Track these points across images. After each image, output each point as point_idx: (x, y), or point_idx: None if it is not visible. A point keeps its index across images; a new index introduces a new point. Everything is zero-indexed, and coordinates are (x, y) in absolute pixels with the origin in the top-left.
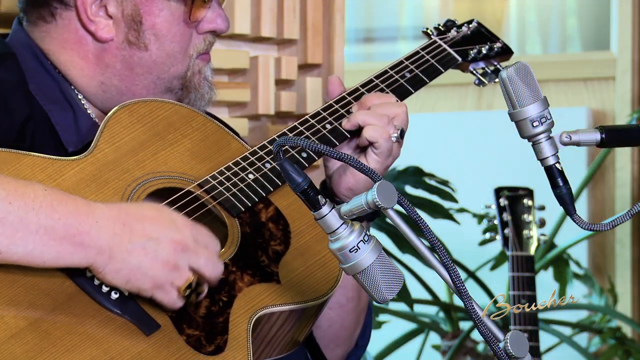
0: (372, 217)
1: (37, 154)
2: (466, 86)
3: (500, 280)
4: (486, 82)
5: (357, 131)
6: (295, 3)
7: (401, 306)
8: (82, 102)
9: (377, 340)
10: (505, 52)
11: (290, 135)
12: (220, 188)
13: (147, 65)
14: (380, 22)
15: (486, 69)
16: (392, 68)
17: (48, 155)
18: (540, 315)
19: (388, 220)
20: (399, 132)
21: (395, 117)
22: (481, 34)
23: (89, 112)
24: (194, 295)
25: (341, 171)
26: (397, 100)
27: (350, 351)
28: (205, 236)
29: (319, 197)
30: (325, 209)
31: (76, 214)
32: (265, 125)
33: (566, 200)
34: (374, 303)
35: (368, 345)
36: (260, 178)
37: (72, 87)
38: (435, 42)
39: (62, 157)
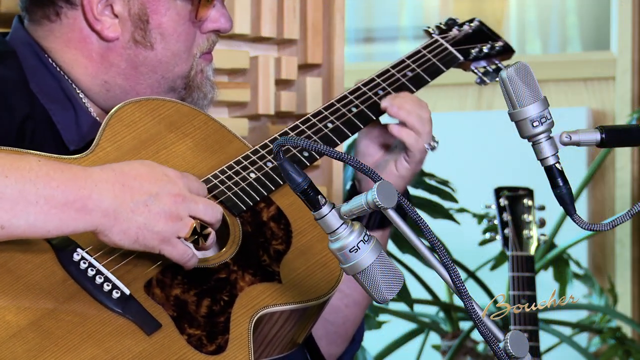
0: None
1: (38, 152)
2: (466, 86)
3: (500, 280)
4: (488, 81)
5: (355, 128)
6: (295, 3)
7: (401, 306)
8: (84, 100)
9: (377, 340)
10: (507, 50)
11: (292, 134)
12: (222, 187)
13: (152, 64)
14: (380, 22)
15: (488, 67)
16: (394, 67)
17: (49, 154)
18: (540, 315)
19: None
20: (435, 144)
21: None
22: (483, 33)
23: (90, 110)
24: (202, 240)
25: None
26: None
27: (347, 346)
28: (196, 183)
29: (319, 197)
30: (325, 209)
31: (74, 180)
32: (265, 125)
33: (566, 200)
34: (374, 303)
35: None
36: (262, 177)
37: (74, 85)
38: (436, 41)
39: (64, 156)
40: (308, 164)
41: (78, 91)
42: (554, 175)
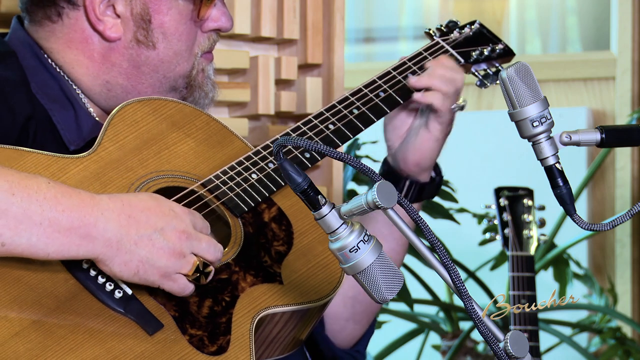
0: (432, 194)
1: (40, 151)
2: (466, 86)
3: (500, 280)
4: (488, 83)
5: (357, 130)
6: (295, 3)
7: (401, 306)
8: (84, 100)
9: (377, 340)
10: (507, 53)
11: (293, 135)
12: (224, 188)
13: (153, 64)
14: (380, 22)
15: (488, 70)
16: (394, 69)
17: (52, 153)
18: (540, 315)
19: None
20: (462, 105)
21: (461, 88)
22: (483, 36)
23: (90, 110)
24: (203, 277)
25: (405, 149)
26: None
27: (366, 331)
28: (200, 221)
29: (319, 197)
30: (325, 209)
31: (81, 206)
32: (265, 125)
33: (566, 200)
34: None
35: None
36: (264, 178)
37: (74, 86)
38: (437, 43)
39: (66, 155)
40: (309, 165)
41: (78, 92)
42: (554, 175)
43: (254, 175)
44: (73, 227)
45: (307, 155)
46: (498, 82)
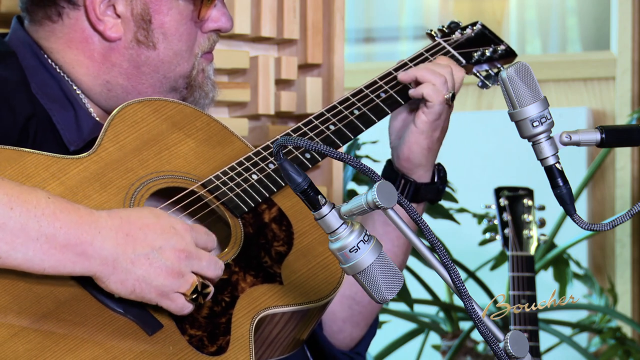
0: (436, 199)
1: (41, 152)
2: (466, 86)
3: (500, 280)
4: (490, 84)
5: (357, 131)
6: (295, 3)
7: (401, 306)
8: (84, 101)
9: (377, 340)
10: (509, 54)
11: (294, 135)
12: (224, 188)
13: (154, 64)
14: (380, 22)
15: (490, 71)
16: (396, 70)
17: (52, 154)
18: (540, 315)
19: None
20: (450, 94)
21: (451, 80)
22: (485, 37)
23: (90, 110)
24: (201, 297)
25: (397, 144)
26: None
27: (367, 333)
28: (204, 236)
29: (319, 197)
30: (325, 209)
31: (79, 223)
32: (265, 125)
33: (566, 200)
34: None
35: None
36: (264, 179)
37: (74, 86)
38: (439, 44)
39: (66, 156)
40: (310, 166)
41: (78, 92)
42: (554, 175)
43: (254, 176)
44: (69, 244)
45: (308, 155)
46: (499, 82)
